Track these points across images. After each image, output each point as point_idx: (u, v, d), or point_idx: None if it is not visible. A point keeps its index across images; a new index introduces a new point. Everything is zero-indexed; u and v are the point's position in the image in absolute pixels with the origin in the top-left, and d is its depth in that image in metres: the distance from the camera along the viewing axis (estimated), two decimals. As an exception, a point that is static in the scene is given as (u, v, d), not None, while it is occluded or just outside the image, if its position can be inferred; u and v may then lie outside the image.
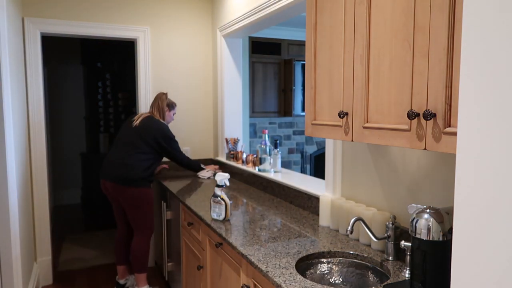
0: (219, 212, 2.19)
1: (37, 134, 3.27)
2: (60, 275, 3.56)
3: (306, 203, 2.36)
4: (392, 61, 1.25)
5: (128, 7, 3.55)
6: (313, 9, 1.65)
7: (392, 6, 1.24)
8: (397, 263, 1.58)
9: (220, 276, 2.08)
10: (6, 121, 2.29)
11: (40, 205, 3.30)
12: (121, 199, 2.94)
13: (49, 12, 3.28)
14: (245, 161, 3.32)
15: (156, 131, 3.03)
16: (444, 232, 1.26)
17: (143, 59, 3.62)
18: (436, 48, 1.08)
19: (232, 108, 3.71)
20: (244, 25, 3.15)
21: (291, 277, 1.44)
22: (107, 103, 5.73)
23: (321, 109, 1.63)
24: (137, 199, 2.93)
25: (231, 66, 3.68)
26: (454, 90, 1.05)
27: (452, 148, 1.05)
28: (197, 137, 3.90)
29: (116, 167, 2.94)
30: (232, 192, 2.91)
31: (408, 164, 1.64)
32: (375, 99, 1.33)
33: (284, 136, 5.47)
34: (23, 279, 2.57)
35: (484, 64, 0.62)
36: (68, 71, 5.96)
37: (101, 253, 4.06)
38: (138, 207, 2.95)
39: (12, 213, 2.36)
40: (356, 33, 1.40)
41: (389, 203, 1.75)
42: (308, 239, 1.85)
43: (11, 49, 2.56)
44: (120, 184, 2.90)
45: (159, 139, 3.03)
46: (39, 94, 3.25)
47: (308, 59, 1.69)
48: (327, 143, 2.15)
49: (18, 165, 2.64)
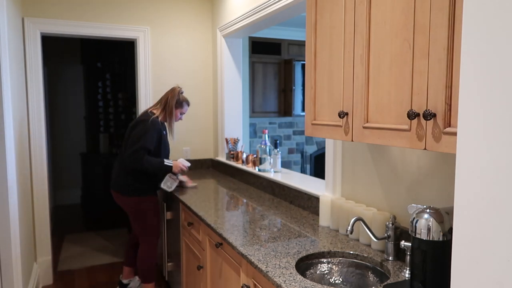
0: (170, 186, 2.80)
1: (37, 134, 3.27)
2: (60, 275, 3.56)
3: (306, 203, 2.36)
4: (392, 61, 1.25)
5: (128, 7, 3.55)
6: (313, 9, 1.65)
7: (392, 6, 1.24)
8: (397, 263, 1.58)
9: (220, 276, 2.08)
10: (6, 121, 2.29)
11: (40, 205, 3.30)
12: (122, 207, 2.89)
13: (49, 12, 3.28)
14: (245, 161, 3.32)
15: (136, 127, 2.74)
16: (444, 232, 1.26)
17: (143, 59, 3.62)
18: (436, 48, 1.08)
19: (232, 108, 3.71)
20: (244, 25, 3.15)
21: (291, 277, 1.44)
22: (107, 103, 5.73)
23: (321, 109, 1.63)
24: (131, 208, 2.82)
25: (231, 66, 3.68)
26: (454, 90, 1.05)
27: (452, 148, 1.05)
28: (197, 137, 3.90)
29: (113, 174, 2.89)
30: (232, 192, 2.91)
31: (408, 164, 1.64)
32: (375, 99, 1.33)
33: (284, 136, 5.47)
34: (23, 279, 2.57)
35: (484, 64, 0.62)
36: (68, 71, 5.96)
37: (101, 253, 4.06)
38: (135, 216, 2.84)
39: (12, 213, 2.36)
40: (356, 33, 1.40)
41: (389, 203, 1.75)
42: (308, 239, 1.84)
43: (11, 49, 2.56)
44: (117, 192, 2.82)
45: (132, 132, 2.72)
46: (39, 94, 3.25)
47: (308, 59, 1.69)
48: (327, 143, 2.15)
49: (18, 165, 2.64)
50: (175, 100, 2.86)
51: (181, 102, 2.90)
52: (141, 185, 2.80)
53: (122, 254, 4.01)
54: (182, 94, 2.93)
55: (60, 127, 5.94)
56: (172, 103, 2.84)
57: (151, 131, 2.73)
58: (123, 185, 2.80)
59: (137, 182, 2.78)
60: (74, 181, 6.08)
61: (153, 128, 2.74)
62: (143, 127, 2.72)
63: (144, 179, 2.80)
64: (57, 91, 5.88)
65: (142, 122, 2.76)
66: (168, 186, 2.83)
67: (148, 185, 2.83)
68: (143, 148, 2.68)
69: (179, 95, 2.90)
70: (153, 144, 2.74)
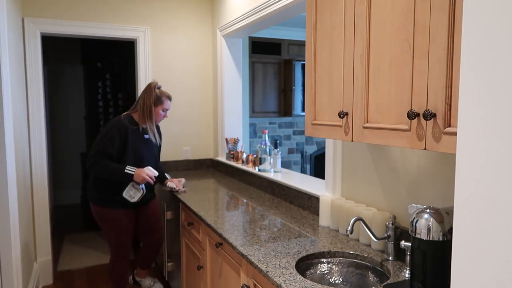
0: (133, 196, 2.57)
1: (37, 134, 3.27)
2: (60, 275, 3.56)
3: (306, 203, 2.36)
4: (392, 61, 1.25)
5: (128, 7, 3.55)
6: (313, 9, 1.65)
7: (392, 6, 1.24)
8: (397, 263, 1.58)
9: (220, 276, 2.08)
10: (6, 121, 2.29)
11: (40, 205, 3.30)
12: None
13: (49, 12, 3.28)
14: (245, 161, 3.32)
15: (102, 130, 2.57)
16: (444, 232, 1.26)
17: (143, 59, 3.62)
18: (436, 48, 1.08)
19: (232, 108, 3.71)
20: (244, 25, 3.15)
21: (291, 277, 1.44)
22: (107, 103, 5.73)
23: (321, 109, 1.63)
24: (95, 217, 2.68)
25: (231, 66, 3.68)
26: (454, 90, 1.05)
27: (452, 148, 1.05)
28: (197, 137, 3.90)
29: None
30: (232, 192, 2.91)
31: (408, 164, 1.64)
32: (375, 99, 1.33)
33: (284, 136, 5.47)
34: (23, 279, 2.57)
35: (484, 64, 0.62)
36: (68, 71, 5.96)
37: (101, 253, 4.06)
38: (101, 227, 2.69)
39: (12, 213, 2.36)
40: (356, 33, 1.40)
41: (389, 203, 1.75)
42: (308, 239, 1.84)
43: (11, 49, 2.56)
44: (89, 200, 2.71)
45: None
46: (39, 94, 3.25)
47: (308, 59, 1.69)
48: (327, 143, 2.15)
49: (18, 165, 2.64)
50: (153, 96, 2.57)
51: (160, 97, 2.59)
52: (102, 194, 2.59)
53: (122, 254, 4.01)
54: (159, 89, 2.63)
55: (60, 127, 5.94)
56: (149, 101, 2.56)
57: (111, 133, 2.48)
58: (88, 191, 2.69)
59: (98, 191, 2.60)
60: (74, 181, 6.07)
61: (114, 130, 2.49)
62: (104, 130, 2.52)
63: (105, 188, 2.58)
64: (57, 91, 5.88)
65: (106, 124, 2.57)
66: (131, 196, 2.57)
67: (110, 195, 2.59)
68: (100, 152, 2.45)
69: (155, 90, 2.59)
70: (113, 148, 2.48)
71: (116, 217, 2.62)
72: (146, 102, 2.57)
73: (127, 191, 2.57)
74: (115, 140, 2.49)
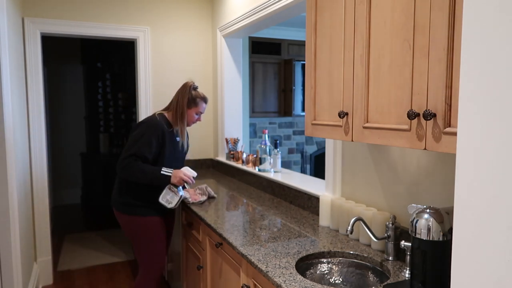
0: (170, 201, 2.32)
1: (37, 134, 3.27)
2: (60, 275, 3.56)
3: (306, 203, 2.36)
4: (392, 61, 1.25)
5: (128, 7, 3.55)
6: (313, 9, 1.65)
7: (392, 6, 1.24)
8: (397, 263, 1.58)
9: (220, 276, 2.08)
10: (6, 121, 2.29)
11: (40, 205, 3.30)
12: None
13: (49, 12, 3.28)
14: (245, 161, 3.32)
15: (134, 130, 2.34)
16: (444, 232, 1.26)
17: (143, 59, 3.62)
18: (436, 48, 1.08)
19: (232, 108, 3.71)
20: (244, 25, 3.15)
21: (291, 277, 1.44)
22: (107, 103, 5.74)
23: (321, 109, 1.63)
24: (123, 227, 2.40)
25: (231, 66, 3.68)
26: (454, 90, 1.05)
27: (452, 148, 1.05)
28: (197, 137, 3.90)
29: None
30: (232, 192, 2.91)
31: (408, 164, 1.64)
32: (375, 99, 1.33)
33: (284, 136, 5.47)
34: (23, 279, 2.57)
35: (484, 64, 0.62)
36: (68, 71, 5.96)
37: (101, 253, 4.06)
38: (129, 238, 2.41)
39: (12, 213, 2.36)
40: (356, 33, 1.40)
41: (389, 203, 1.75)
42: (308, 239, 1.84)
43: (11, 49, 2.56)
44: (113, 206, 2.42)
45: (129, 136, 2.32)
46: (39, 94, 3.25)
47: (308, 59, 1.69)
48: (327, 143, 2.15)
49: (18, 165, 2.64)
50: (187, 97, 2.38)
51: (195, 99, 2.41)
52: (134, 200, 2.32)
53: (122, 254, 4.01)
54: (196, 90, 2.45)
55: (60, 127, 5.94)
56: (183, 102, 2.38)
57: (148, 135, 2.27)
58: (115, 199, 2.39)
59: (129, 196, 2.33)
60: (74, 181, 6.08)
61: (152, 132, 2.28)
62: (140, 131, 2.29)
63: (138, 193, 2.32)
64: (57, 91, 5.88)
65: (141, 124, 2.35)
66: (168, 201, 2.33)
67: (143, 201, 2.33)
68: (135, 155, 2.22)
69: (191, 91, 2.42)
70: (150, 151, 2.26)
71: (150, 226, 2.35)
72: (179, 102, 2.39)
73: (163, 195, 2.32)
74: (152, 143, 2.27)
